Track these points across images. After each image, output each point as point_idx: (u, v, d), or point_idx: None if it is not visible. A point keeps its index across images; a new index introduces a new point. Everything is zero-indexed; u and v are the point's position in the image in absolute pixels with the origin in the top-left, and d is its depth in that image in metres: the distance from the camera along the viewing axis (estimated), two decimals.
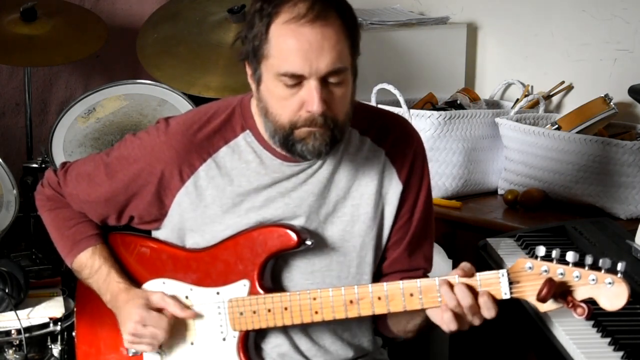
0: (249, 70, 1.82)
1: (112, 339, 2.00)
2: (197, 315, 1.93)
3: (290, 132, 1.77)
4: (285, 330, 1.91)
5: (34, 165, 3.02)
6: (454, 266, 2.67)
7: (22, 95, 3.36)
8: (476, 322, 1.73)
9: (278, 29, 1.72)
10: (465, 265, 1.75)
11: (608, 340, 1.77)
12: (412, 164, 1.93)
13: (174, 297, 1.93)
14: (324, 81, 1.73)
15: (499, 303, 1.72)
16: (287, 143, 1.78)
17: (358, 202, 1.91)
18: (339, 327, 1.95)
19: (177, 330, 1.94)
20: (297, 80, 1.73)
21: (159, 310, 1.92)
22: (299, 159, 1.84)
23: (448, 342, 2.92)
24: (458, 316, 1.73)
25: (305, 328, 1.92)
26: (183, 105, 3.04)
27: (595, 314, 1.67)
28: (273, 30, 1.73)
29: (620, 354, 1.72)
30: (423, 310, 1.78)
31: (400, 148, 1.93)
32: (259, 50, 1.75)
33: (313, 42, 1.71)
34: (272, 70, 1.74)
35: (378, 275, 1.96)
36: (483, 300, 1.70)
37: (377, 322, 2.00)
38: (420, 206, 1.94)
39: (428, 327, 1.84)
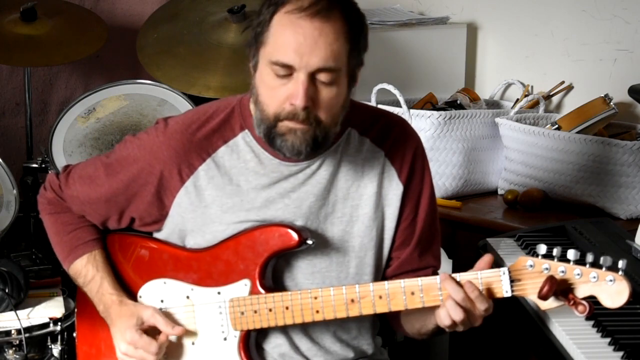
0: (250, 59, 1.83)
1: (113, 339, 2.00)
2: (198, 315, 1.93)
3: (274, 125, 1.77)
4: (285, 330, 1.91)
5: (34, 165, 3.02)
6: (454, 266, 2.69)
7: (22, 95, 3.36)
8: (475, 322, 1.73)
9: (279, 18, 1.74)
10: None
11: (608, 340, 1.77)
12: (412, 165, 1.93)
13: (167, 314, 1.93)
14: (313, 77, 1.73)
15: (497, 301, 1.72)
16: (269, 135, 1.79)
17: (357, 202, 1.91)
18: (339, 327, 1.95)
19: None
20: (288, 71, 1.73)
21: (150, 330, 1.92)
22: (278, 154, 1.83)
23: (448, 342, 2.92)
24: (465, 308, 1.72)
25: (306, 328, 1.92)
26: (183, 105, 3.04)
27: (595, 313, 1.68)
28: (275, 19, 1.74)
29: (620, 354, 1.72)
30: (434, 317, 1.77)
31: (400, 149, 1.93)
32: (259, 37, 1.77)
33: (308, 36, 1.71)
34: (266, 57, 1.75)
35: (388, 278, 1.95)
36: (474, 295, 1.71)
37: (391, 321, 2.00)
38: (424, 206, 1.94)
39: (441, 331, 1.84)
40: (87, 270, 1.99)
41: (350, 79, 1.80)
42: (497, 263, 2.21)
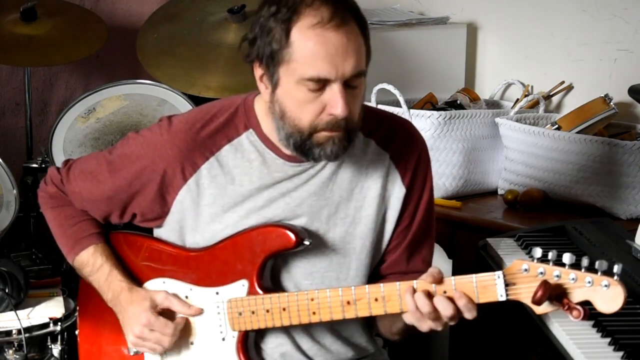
0: (258, 72, 1.81)
1: (114, 338, 2.00)
2: (197, 315, 1.93)
3: (309, 137, 1.77)
4: (286, 329, 1.91)
5: (34, 165, 3.03)
6: (454, 266, 2.69)
7: (22, 95, 3.36)
8: (452, 322, 1.73)
9: (302, 34, 1.72)
10: (434, 270, 1.74)
11: (608, 340, 1.77)
12: (415, 169, 1.93)
13: (176, 296, 1.93)
14: (345, 84, 1.74)
15: (480, 305, 1.71)
16: (304, 147, 1.79)
17: (361, 204, 1.91)
18: (339, 326, 1.95)
19: None
20: (321, 84, 1.73)
21: (164, 312, 1.92)
22: (311, 161, 1.84)
23: (448, 342, 2.92)
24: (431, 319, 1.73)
25: (307, 327, 1.92)
26: (183, 105, 3.04)
27: (595, 314, 1.67)
28: (295, 35, 1.72)
29: (620, 354, 1.72)
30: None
31: (404, 152, 1.93)
32: (277, 55, 1.74)
33: (339, 46, 1.71)
34: (295, 74, 1.73)
35: (376, 277, 1.95)
36: (462, 303, 1.70)
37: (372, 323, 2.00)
38: (421, 210, 1.94)
39: (413, 331, 1.83)
40: (95, 260, 1.99)
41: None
42: (497, 264, 2.21)
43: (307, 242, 1.85)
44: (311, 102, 1.75)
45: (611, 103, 2.78)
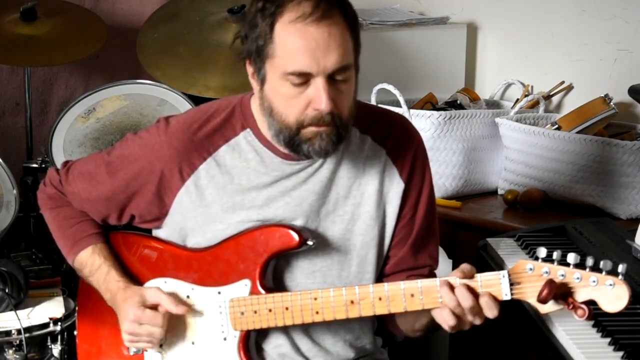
0: (249, 69, 1.82)
1: (113, 337, 2.01)
2: (198, 315, 1.93)
3: (297, 132, 1.77)
4: (286, 330, 1.91)
5: (34, 165, 3.03)
6: (454, 266, 2.69)
7: (22, 95, 3.36)
8: (477, 322, 1.73)
9: (283, 28, 1.73)
10: (465, 266, 1.75)
11: (608, 340, 1.77)
12: (413, 163, 1.94)
13: (172, 294, 1.93)
14: (330, 79, 1.74)
15: (500, 304, 1.72)
16: (293, 143, 1.79)
17: (359, 200, 1.91)
18: (339, 327, 1.95)
19: (178, 329, 1.94)
20: (304, 79, 1.73)
21: (156, 307, 1.92)
22: (303, 158, 1.84)
23: (448, 342, 2.92)
24: (458, 315, 1.73)
25: (306, 328, 1.92)
26: (183, 105, 3.04)
27: (595, 314, 1.67)
28: (278, 30, 1.73)
29: (620, 354, 1.72)
30: (429, 311, 1.78)
31: (401, 147, 1.93)
32: (263, 50, 1.76)
33: (320, 40, 1.71)
34: (278, 69, 1.74)
35: (384, 276, 1.96)
36: (484, 301, 1.70)
37: (385, 321, 2.00)
38: (422, 205, 1.95)
39: (435, 327, 1.84)
40: (94, 260, 1.99)
41: (356, 68, 1.81)
42: (497, 264, 2.21)
43: (310, 242, 1.85)
44: (296, 98, 1.75)
45: (611, 103, 2.78)
